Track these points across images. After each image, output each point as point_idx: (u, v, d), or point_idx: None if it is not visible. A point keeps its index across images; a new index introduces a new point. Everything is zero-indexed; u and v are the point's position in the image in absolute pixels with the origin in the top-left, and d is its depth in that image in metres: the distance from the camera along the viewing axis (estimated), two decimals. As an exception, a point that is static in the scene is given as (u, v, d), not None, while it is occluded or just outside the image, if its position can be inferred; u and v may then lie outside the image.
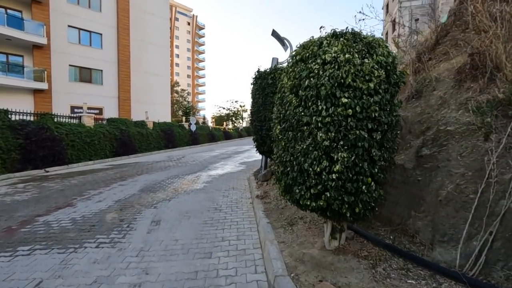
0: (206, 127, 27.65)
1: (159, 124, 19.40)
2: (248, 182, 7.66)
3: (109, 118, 15.13)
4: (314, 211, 2.60)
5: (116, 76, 25.26)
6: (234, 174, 9.22)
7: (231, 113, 57.85)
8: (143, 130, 16.82)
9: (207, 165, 11.62)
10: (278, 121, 2.85)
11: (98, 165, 12.09)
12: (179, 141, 20.61)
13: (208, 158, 14.27)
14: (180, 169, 10.54)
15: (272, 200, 5.03)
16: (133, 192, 6.74)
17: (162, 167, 11.15)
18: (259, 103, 5.20)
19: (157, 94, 30.37)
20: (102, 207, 5.47)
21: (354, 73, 2.26)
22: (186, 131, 22.22)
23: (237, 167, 11.01)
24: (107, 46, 24.61)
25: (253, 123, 5.50)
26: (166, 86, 32.38)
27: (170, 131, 19.37)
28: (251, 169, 10.10)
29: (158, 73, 30.66)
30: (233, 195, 6.29)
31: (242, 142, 29.35)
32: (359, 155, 2.28)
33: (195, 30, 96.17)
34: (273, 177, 6.40)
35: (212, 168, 10.78)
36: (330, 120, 2.29)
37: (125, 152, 14.53)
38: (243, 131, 39.36)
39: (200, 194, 6.52)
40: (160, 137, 18.37)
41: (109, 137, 13.87)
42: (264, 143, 5.27)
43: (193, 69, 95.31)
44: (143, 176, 9.09)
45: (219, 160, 13.15)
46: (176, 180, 8.22)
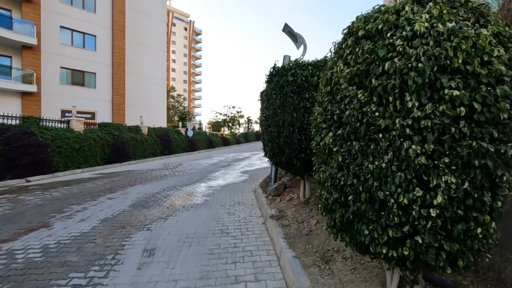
0: (204, 133, 26.75)
1: (155, 129, 18.46)
2: (255, 195, 6.77)
3: (100, 123, 14.17)
4: (389, 260, 1.73)
5: (110, 79, 24.33)
6: (237, 185, 8.32)
7: (228, 118, 57.04)
8: (138, 136, 15.87)
9: (207, 174, 10.70)
10: (327, 126, 1.98)
11: (87, 173, 11.09)
12: (175, 147, 19.66)
13: (207, 166, 13.35)
14: (177, 178, 9.60)
15: (291, 222, 4.15)
16: (123, 208, 5.80)
17: (157, 176, 10.20)
18: (275, 104, 4.33)
19: (153, 98, 29.46)
20: (84, 229, 4.53)
21: (466, 51, 1.43)
22: (183, 137, 21.29)
23: (239, 176, 10.11)
24: (101, 48, 23.72)
25: (268, 129, 4.62)
26: (162, 89, 31.50)
27: (166, 136, 18.43)
28: (255, 180, 9.22)
29: (154, 76, 29.82)
30: (240, 212, 5.39)
31: (240, 148, 28.46)
32: (475, 180, 1.43)
33: (192, 35, 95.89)
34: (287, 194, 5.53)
35: (212, 177, 9.86)
36: (428, 124, 1.44)
37: (118, 159, 13.54)
38: (241, 137, 38.51)
39: (202, 210, 5.61)
40: (155, 143, 17.41)
41: (100, 143, 12.90)
42: (281, 153, 4.39)
43: (190, 74, 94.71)
44: (136, 187, 8.14)
45: (219, 169, 12.24)
46: (173, 193, 7.29)
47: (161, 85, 31.29)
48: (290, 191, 5.53)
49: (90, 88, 23.16)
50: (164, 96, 31.89)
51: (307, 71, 3.90)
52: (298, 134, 3.95)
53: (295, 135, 3.96)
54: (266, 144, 5.14)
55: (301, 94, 3.93)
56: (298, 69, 3.95)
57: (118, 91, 24.68)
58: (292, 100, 3.97)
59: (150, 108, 28.92)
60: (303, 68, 3.96)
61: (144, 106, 28.05)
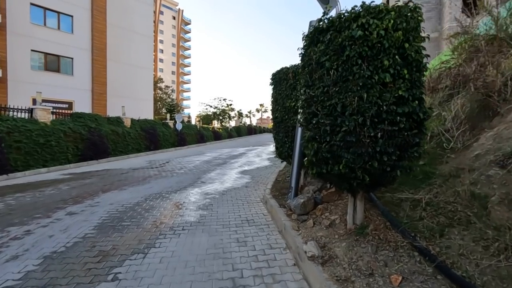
0: (194, 127, 24.84)
1: (139, 121, 16.49)
2: (268, 208, 5.15)
3: (74, 113, 12.14)
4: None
5: (90, 66, 22.01)
6: (239, 192, 6.66)
7: (219, 111, 54.99)
8: (119, 129, 13.91)
9: (200, 175, 8.98)
10: None
11: (54, 174, 9.17)
12: (163, 142, 17.75)
13: (199, 164, 11.61)
14: (164, 181, 7.86)
15: (349, 274, 2.52)
16: (85, 231, 4.07)
17: (139, 178, 8.42)
18: (327, 79, 2.57)
19: (139, 89, 27.24)
20: (11, 279, 2.80)
21: None
22: (171, 130, 19.37)
23: (240, 178, 8.45)
24: (79, 31, 21.31)
25: (312, 120, 2.81)
26: (149, 80, 29.26)
27: (152, 130, 16.50)
28: (260, 183, 7.60)
29: (141, 65, 27.54)
30: (254, 240, 3.76)
31: (233, 143, 26.72)
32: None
33: (180, 25, 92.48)
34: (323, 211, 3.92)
35: (207, 180, 8.17)
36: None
37: (94, 155, 11.62)
38: (233, 131, 36.70)
39: (198, 236, 3.94)
40: (140, 137, 15.47)
41: (72, 137, 10.94)
42: (335, 159, 2.62)
43: (178, 65, 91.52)
44: (110, 194, 6.37)
45: (214, 168, 10.54)
46: (158, 204, 5.58)
47: (148, 75, 29.04)
48: (325, 208, 3.93)
49: (67, 75, 20.83)
50: (151, 87, 29.66)
51: (387, 22, 2.25)
52: (371, 128, 2.30)
53: (366, 130, 2.32)
54: (283, 142, 3.48)
55: (377, 61, 2.28)
56: (371, 18, 2.27)
57: (99, 79, 22.41)
58: (361, 71, 2.31)
59: (136, 99, 26.73)
60: (380, 17, 2.30)
61: (129, 97, 25.84)
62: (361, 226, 3.12)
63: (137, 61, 27.05)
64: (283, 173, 8.11)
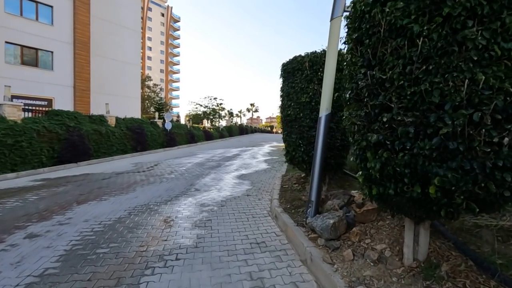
0: (184, 126, 23.68)
1: (125, 120, 15.27)
2: (280, 225, 4.24)
3: (50, 110, 10.88)
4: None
5: (72, 61, 20.54)
6: (241, 202, 5.73)
7: (209, 110, 53.73)
8: (102, 128, 12.69)
9: (193, 180, 7.99)
10: None
11: (23, 179, 7.97)
12: (151, 142, 16.58)
13: (191, 167, 10.59)
14: (152, 189, 6.83)
15: None
16: (45, 266, 3.05)
17: (123, 184, 7.36)
18: (406, 54, 1.65)
19: (125, 86, 25.85)
20: None
21: None
22: (159, 130, 18.19)
23: (238, 184, 7.51)
24: (60, 22, 19.82)
25: (372, 109, 1.94)
26: (136, 76, 27.89)
27: (139, 129, 15.32)
28: (262, 191, 6.70)
29: (127, 60, 26.16)
30: (273, 276, 2.84)
31: (226, 143, 25.70)
32: None
33: (169, 22, 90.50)
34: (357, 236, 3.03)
35: (202, 186, 7.19)
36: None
37: (73, 157, 10.41)
38: (224, 131, 35.64)
39: (197, 270, 2.99)
40: (126, 137, 14.27)
41: (48, 137, 9.71)
42: None
43: (167, 63, 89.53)
44: (86, 207, 5.31)
45: (208, 171, 9.55)
46: (144, 220, 4.58)
47: (135, 71, 27.67)
48: (362, 233, 3.05)
49: (46, 69, 19.31)
50: (138, 84, 28.28)
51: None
52: (492, 129, 1.39)
53: (484, 133, 1.39)
54: (296, 145, 2.58)
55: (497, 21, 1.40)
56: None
57: (81, 75, 20.96)
58: (475, 36, 1.40)
59: (122, 97, 25.35)
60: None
61: (115, 95, 24.45)
62: (429, 264, 2.25)
63: (123, 56, 25.65)
64: (287, 179, 7.22)
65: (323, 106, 3.84)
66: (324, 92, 3.84)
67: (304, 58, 4.49)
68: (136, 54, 27.60)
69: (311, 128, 4.44)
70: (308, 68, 4.39)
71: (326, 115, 3.82)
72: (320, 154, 3.84)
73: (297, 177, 7.18)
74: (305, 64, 4.42)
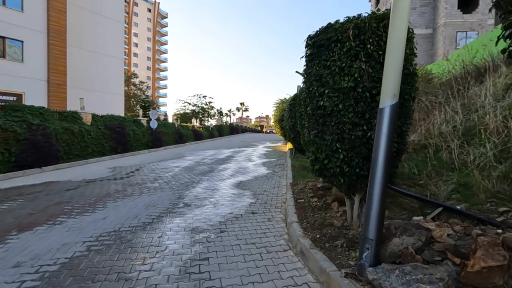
0: (172, 125, 21.95)
1: (104, 118, 13.50)
2: (311, 268, 2.84)
3: (6, 105, 9.08)
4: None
5: (46, 52, 18.50)
6: (246, 225, 4.28)
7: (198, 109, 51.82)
8: (75, 126, 10.94)
9: (181, 191, 6.48)
10: None
11: (-38, 191, 6.25)
12: (134, 142, 14.86)
13: (179, 172, 9.04)
14: (127, 205, 5.29)
15: None
16: None
17: (91, 198, 5.77)
18: None
19: (107, 81, 23.91)
20: None
21: None
22: (144, 129, 16.46)
23: (238, 197, 6.06)
24: (32, 9, 17.76)
25: None
26: (119, 71, 25.94)
27: (120, 128, 13.58)
28: (269, 205, 5.30)
29: (110, 53, 24.22)
30: None
31: (216, 144, 24.12)
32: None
33: (156, 18, 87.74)
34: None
35: (193, 200, 5.70)
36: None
37: (36, 161, 8.68)
38: (214, 131, 33.97)
39: None
40: (104, 136, 12.53)
41: (2, 137, 7.96)
42: None
43: (154, 60, 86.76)
44: (27, 237, 3.74)
45: (199, 178, 8.05)
46: (109, 261, 3.06)
47: (118, 66, 25.71)
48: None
49: (15, 61, 17.24)
50: (121, 80, 26.34)
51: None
52: None
53: None
54: (332, 150, 1.68)
55: None
56: None
57: (57, 68, 18.94)
58: None
59: (103, 93, 23.43)
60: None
61: (95, 90, 22.54)
62: None
63: (105, 49, 23.68)
64: (300, 190, 5.83)
65: (386, 91, 2.47)
66: (389, 71, 2.47)
67: (345, 24, 3.08)
68: (119, 47, 25.63)
69: (355, 126, 3.05)
70: (353, 38, 3.00)
71: (392, 106, 2.46)
72: (383, 164, 2.46)
73: (312, 187, 5.80)
74: (348, 33, 3.03)
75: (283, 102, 23.60)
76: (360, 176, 3.19)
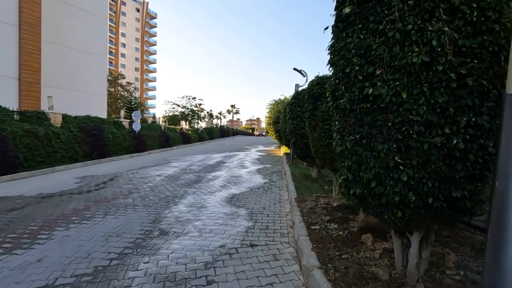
0: (157, 127, 20.42)
1: (78, 119, 11.97)
2: None
3: None
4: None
5: (17, 47, 16.77)
6: (245, 271, 3.00)
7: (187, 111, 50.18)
8: (40, 129, 9.40)
9: (159, 210, 5.13)
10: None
11: None
12: (113, 146, 13.34)
13: (160, 182, 7.68)
14: (81, 233, 3.91)
15: None
16: None
17: (36, 223, 4.35)
18: None
19: (88, 80, 22.22)
20: None
21: None
22: (125, 132, 14.95)
23: (231, 218, 4.77)
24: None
25: None
26: (102, 70, 24.30)
27: (96, 130, 12.06)
28: (272, 232, 4.06)
29: (91, 51, 22.56)
30: None
31: (206, 147, 22.73)
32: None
33: (145, 18, 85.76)
34: None
35: (172, 225, 4.37)
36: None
37: (-13, 170, 7.16)
38: (204, 133, 32.50)
39: None
40: (77, 140, 11.01)
41: None
42: None
43: (142, 61, 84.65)
44: None
45: (183, 191, 6.71)
46: None
47: (101, 64, 24.06)
48: None
49: (-21, 56, 15.44)
50: (104, 79, 24.68)
51: None
52: None
53: None
54: None
55: None
56: None
57: (29, 64, 17.21)
58: None
59: (84, 93, 21.75)
60: None
61: (74, 90, 20.85)
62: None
63: (86, 45, 22.01)
64: (310, 209, 4.59)
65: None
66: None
67: None
68: (102, 44, 23.97)
69: (431, 128, 1.83)
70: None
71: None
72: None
73: (325, 207, 4.57)
74: None
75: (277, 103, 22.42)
76: (430, 208, 1.97)
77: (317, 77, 4.66)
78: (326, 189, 6.22)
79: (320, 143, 4.52)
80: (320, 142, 4.50)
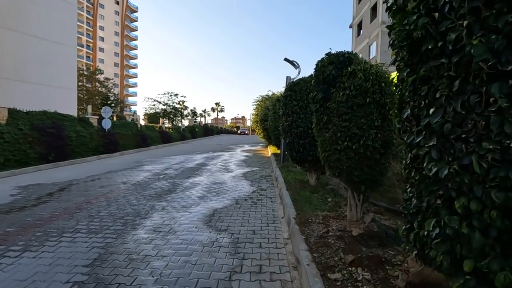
0: (133, 125, 18.58)
1: (30, 115, 10.12)
2: None
3: None
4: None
5: (-35, 31, 14.49)
6: None
7: (169, 108, 47.92)
8: (-24, 126, 7.61)
9: (110, 238, 3.66)
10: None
11: None
12: (77, 147, 11.55)
13: (123, 193, 6.15)
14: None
15: None
16: None
17: None
18: None
19: (56, 73, 20.00)
20: None
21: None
22: (93, 130, 13.14)
23: (208, 251, 3.39)
24: None
25: None
26: (72, 62, 22.07)
27: (54, 128, 10.27)
28: (265, 274, 2.68)
29: (58, 40, 20.33)
30: None
31: (187, 147, 21.09)
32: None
33: (125, 11, 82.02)
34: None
35: (120, 270, 2.93)
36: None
37: None
38: (186, 132, 30.70)
39: None
40: (27, 140, 9.22)
41: None
42: None
43: (122, 56, 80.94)
44: None
45: (150, 205, 5.24)
46: None
47: (70, 55, 21.81)
48: None
49: None
50: (73, 72, 22.47)
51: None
52: None
53: None
54: None
55: None
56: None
57: (-19, 52, 14.96)
58: None
59: (50, 87, 19.52)
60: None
61: (38, 83, 18.63)
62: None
63: (52, 34, 19.78)
64: (318, 238, 3.28)
65: None
66: None
67: None
68: (71, 33, 21.75)
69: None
70: None
71: None
72: None
73: (340, 235, 3.26)
74: None
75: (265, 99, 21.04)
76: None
77: (329, 54, 3.33)
78: (330, 203, 4.95)
79: (334, 147, 3.21)
80: (334, 145, 3.19)
